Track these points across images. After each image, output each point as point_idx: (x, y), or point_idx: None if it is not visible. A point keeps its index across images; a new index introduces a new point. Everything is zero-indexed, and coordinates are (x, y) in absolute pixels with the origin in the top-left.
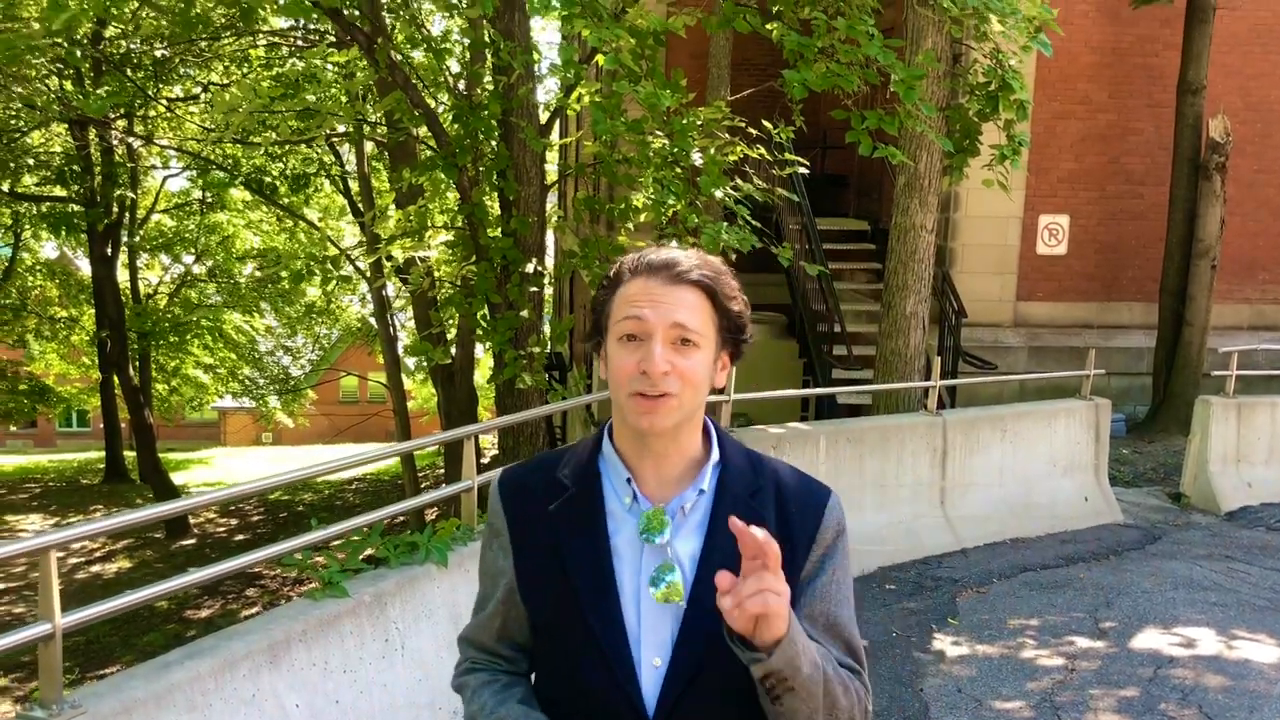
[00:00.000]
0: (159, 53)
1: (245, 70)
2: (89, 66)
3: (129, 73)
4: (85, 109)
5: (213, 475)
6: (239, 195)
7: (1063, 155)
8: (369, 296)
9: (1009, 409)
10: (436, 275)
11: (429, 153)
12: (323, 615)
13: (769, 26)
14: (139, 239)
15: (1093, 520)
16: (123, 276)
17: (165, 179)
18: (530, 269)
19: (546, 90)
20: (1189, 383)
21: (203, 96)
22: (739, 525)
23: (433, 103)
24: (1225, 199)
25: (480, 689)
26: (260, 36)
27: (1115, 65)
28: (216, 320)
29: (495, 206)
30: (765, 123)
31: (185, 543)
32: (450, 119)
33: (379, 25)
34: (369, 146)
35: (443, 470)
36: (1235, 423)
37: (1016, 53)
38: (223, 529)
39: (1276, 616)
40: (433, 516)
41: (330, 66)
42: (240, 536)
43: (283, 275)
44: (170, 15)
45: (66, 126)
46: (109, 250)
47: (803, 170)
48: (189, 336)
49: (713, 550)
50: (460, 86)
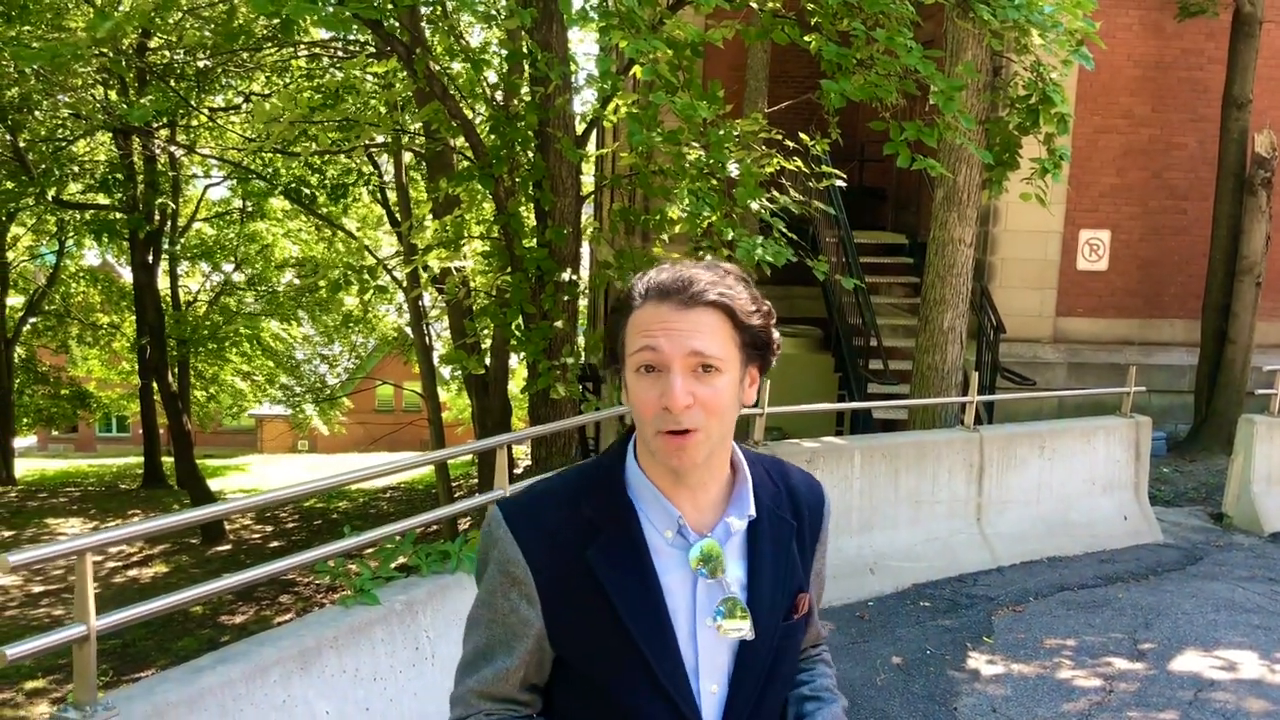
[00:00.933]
0: (202, 63)
1: (286, 80)
2: (133, 76)
3: (172, 82)
4: (129, 118)
5: (249, 482)
6: (278, 204)
7: (1104, 170)
8: (405, 306)
9: (1047, 425)
10: (472, 285)
11: (466, 163)
12: (354, 622)
13: (807, 38)
14: (180, 247)
15: (1132, 540)
16: (163, 284)
17: (206, 188)
18: (565, 279)
19: (583, 101)
20: (1232, 401)
21: (244, 106)
22: None
23: (470, 113)
24: (1271, 215)
25: None
26: (301, 47)
27: (1158, 79)
28: (255, 328)
29: (531, 217)
30: (802, 135)
31: (221, 548)
32: (487, 129)
33: (418, 36)
34: (407, 157)
35: (476, 480)
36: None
37: (1058, 66)
38: (258, 535)
39: None
40: (465, 526)
41: (369, 77)
42: (275, 543)
43: (320, 284)
44: (213, 26)
45: (111, 135)
46: (150, 258)
47: (840, 183)
48: (227, 344)
49: (757, 572)
50: (498, 97)
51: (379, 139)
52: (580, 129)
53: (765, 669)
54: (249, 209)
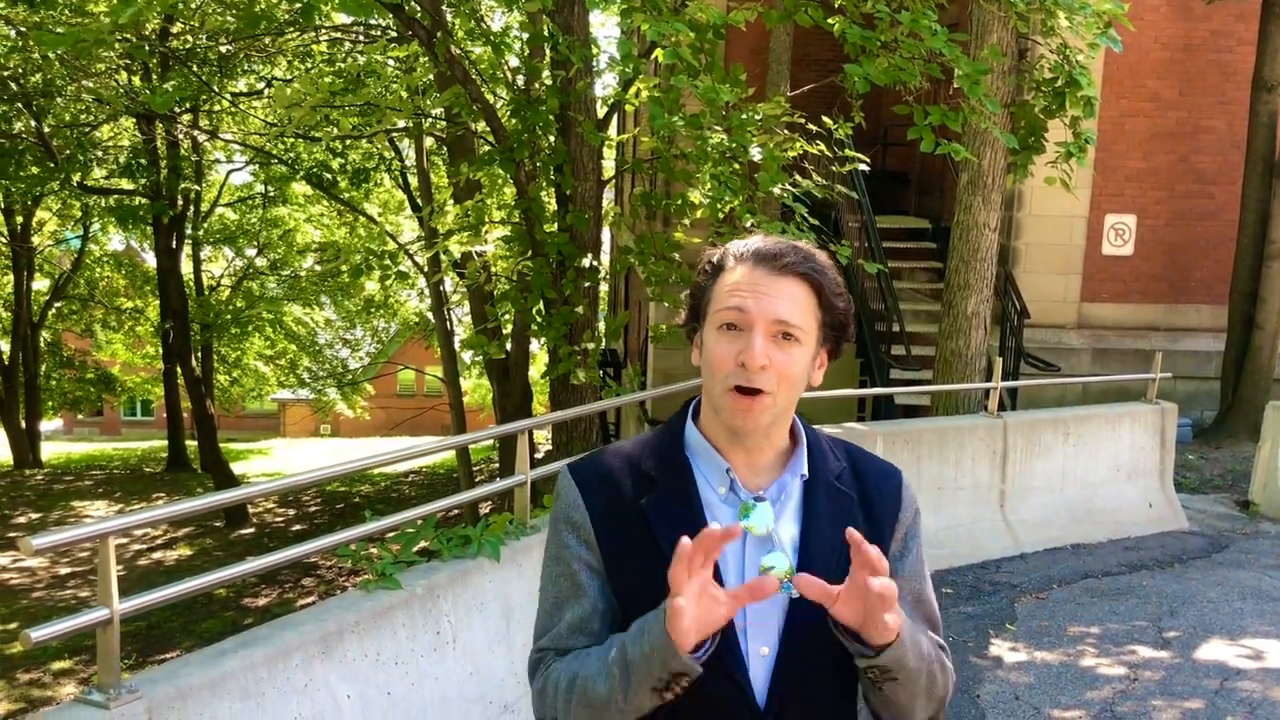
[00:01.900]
0: (224, 48)
1: (308, 66)
2: (156, 62)
3: (194, 68)
4: (152, 104)
5: (272, 466)
6: (300, 189)
7: (1130, 153)
8: (426, 291)
9: (1071, 412)
10: (493, 270)
11: (487, 147)
12: (375, 607)
13: (830, 21)
14: (203, 232)
15: (1157, 527)
16: (186, 268)
17: (229, 173)
18: (586, 264)
19: (604, 85)
20: (1259, 388)
21: (266, 92)
22: (856, 537)
23: (491, 97)
24: None
25: (567, 660)
26: (322, 32)
27: (1186, 61)
28: (277, 313)
29: (552, 202)
30: (825, 119)
31: (244, 532)
32: (508, 113)
33: (439, 20)
34: (428, 141)
35: (497, 465)
36: None
37: (1084, 49)
38: (281, 519)
39: None
40: (486, 510)
41: (390, 61)
42: (298, 527)
43: (342, 269)
44: (235, 11)
45: (134, 121)
46: (173, 243)
47: (863, 167)
48: (250, 328)
49: (811, 535)
50: (519, 81)
51: (400, 123)
52: (601, 113)
53: (815, 633)
54: (271, 194)
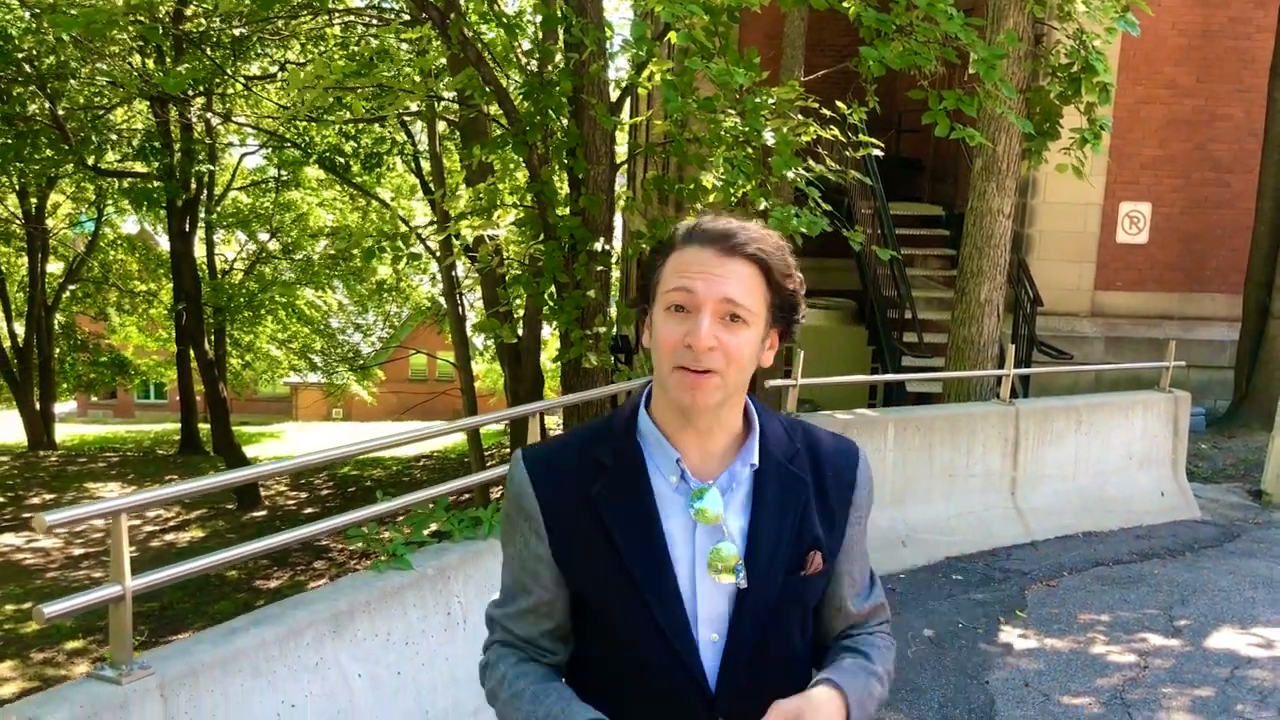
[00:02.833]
0: (237, 31)
1: (321, 49)
2: (170, 44)
3: (208, 51)
4: (165, 86)
5: (284, 449)
6: (313, 173)
7: (1146, 141)
8: (439, 275)
9: (1084, 399)
10: (505, 254)
11: (500, 130)
12: (386, 587)
13: (845, 4)
14: (216, 215)
15: (1169, 516)
16: (200, 252)
17: (242, 156)
18: (598, 248)
19: (618, 68)
20: (1273, 377)
21: (279, 75)
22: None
23: (504, 80)
24: None
25: (515, 671)
26: (336, 15)
27: (1204, 48)
28: (289, 296)
29: (564, 185)
30: (839, 103)
31: (256, 514)
32: (521, 96)
33: (452, 2)
34: (440, 125)
35: (508, 449)
36: None
37: (1101, 34)
38: (293, 502)
39: None
40: (497, 494)
41: (403, 44)
42: (309, 509)
43: (354, 253)
44: None
45: (148, 104)
46: (187, 226)
47: (877, 153)
48: (262, 312)
49: (759, 523)
50: (531, 64)
51: (413, 106)
52: (615, 96)
53: (764, 620)
54: (284, 177)
